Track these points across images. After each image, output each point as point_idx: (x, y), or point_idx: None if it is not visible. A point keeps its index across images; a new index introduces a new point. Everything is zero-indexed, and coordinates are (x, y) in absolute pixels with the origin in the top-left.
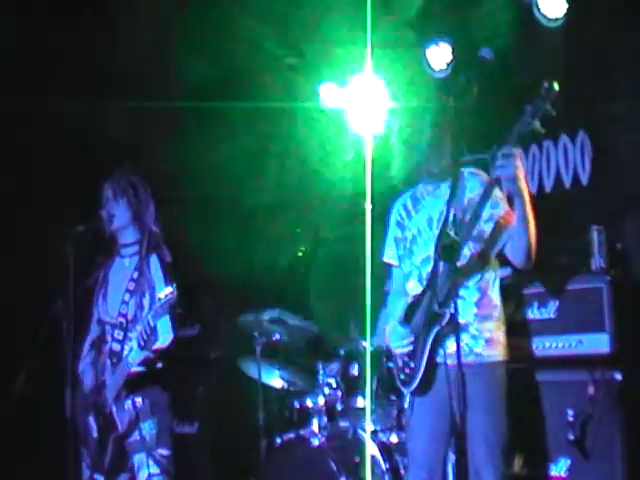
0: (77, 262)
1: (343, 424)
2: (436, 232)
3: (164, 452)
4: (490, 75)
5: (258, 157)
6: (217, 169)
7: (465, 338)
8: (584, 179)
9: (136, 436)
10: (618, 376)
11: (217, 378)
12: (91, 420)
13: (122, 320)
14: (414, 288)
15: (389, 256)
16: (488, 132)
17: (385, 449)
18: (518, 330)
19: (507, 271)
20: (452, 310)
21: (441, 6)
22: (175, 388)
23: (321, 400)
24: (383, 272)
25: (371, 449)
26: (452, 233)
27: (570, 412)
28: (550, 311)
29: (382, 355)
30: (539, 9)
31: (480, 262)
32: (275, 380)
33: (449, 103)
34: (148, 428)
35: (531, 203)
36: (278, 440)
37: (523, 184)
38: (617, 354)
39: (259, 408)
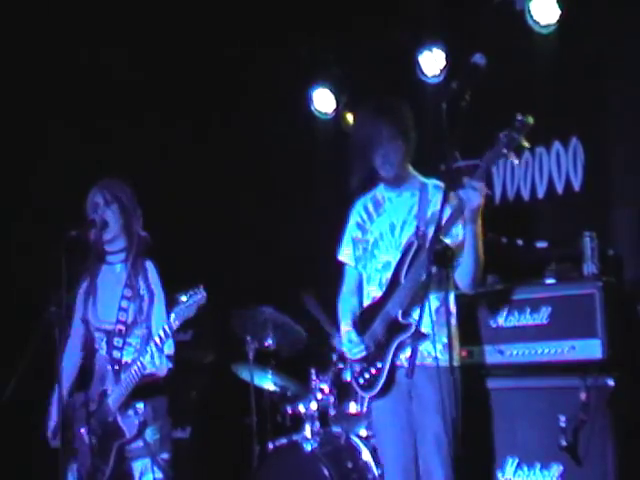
0: (69, 268)
1: (336, 429)
2: (397, 239)
3: (165, 456)
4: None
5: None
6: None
7: (424, 344)
8: (576, 185)
9: (139, 442)
10: (610, 382)
11: (209, 383)
12: (83, 431)
13: (121, 327)
14: (374, 292)
15: (345, 255)
16: (480, 138)
17: (377, 454)
18: (510, 336)
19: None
20: (416, 321)
21: (434, 12)
22: (170, 393)
23: (314, 405)
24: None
25: (365, 454)
26: (444, 239)
27: (562, 418)
28: (542, 317)
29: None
30: (531, 16)
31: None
32: (267, 385)
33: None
34: (151, 434)
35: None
36: (270, 445)
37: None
38: (609, 360)
39: (251, 413)
